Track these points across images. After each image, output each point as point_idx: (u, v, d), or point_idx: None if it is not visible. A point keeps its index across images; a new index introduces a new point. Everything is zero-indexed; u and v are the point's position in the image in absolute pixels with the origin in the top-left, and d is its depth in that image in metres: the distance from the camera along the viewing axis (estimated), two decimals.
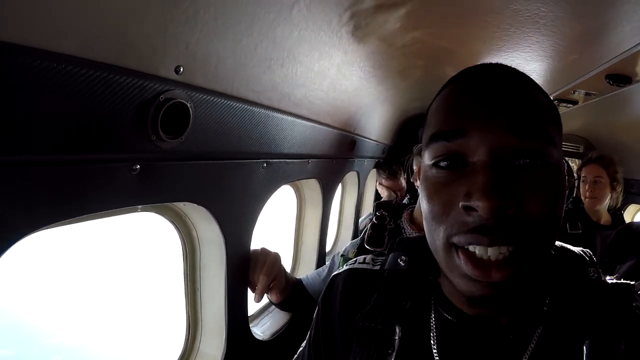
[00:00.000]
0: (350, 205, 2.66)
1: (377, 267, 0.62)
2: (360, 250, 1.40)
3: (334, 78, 1.27)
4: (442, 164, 0.45)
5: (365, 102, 1.75)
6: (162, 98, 0.64)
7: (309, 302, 1.43)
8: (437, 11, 0.92)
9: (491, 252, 0.41)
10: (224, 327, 1.05)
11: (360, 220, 2.73)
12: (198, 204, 0.90)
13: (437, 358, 0.51)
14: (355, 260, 0.66)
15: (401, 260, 0.58)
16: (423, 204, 0.48)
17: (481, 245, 0.41)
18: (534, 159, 0.42)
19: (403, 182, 2.88)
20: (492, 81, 0.46)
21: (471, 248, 0.42)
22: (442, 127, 0.46)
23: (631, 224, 1.63)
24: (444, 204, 0.44)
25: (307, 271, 1.83)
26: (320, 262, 1.94)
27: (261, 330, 1.38)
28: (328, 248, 2.29)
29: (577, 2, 0.73)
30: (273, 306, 1.55)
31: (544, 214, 0.42)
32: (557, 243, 0.54)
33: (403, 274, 0.57)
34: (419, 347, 0.52)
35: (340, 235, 2.69)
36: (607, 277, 0.54)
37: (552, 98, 0.48)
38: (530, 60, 1.13)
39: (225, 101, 0.82)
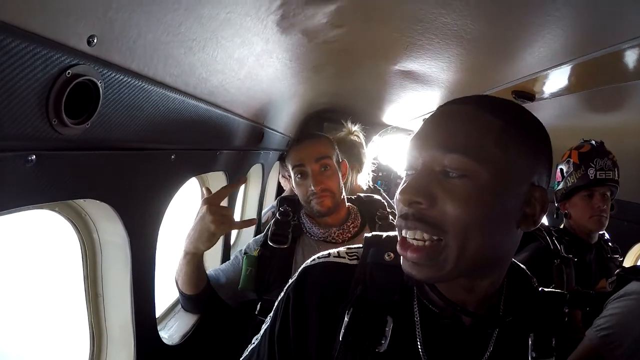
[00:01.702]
0: (254, 198, 2.60)
1: (355, 262, 0.64)
2: (264, 247, 1.35)
3: (252, 67, 1.21)
4: (407, 170, 0.57)
5: (277, 94, 1.71)
6: (69, 73, 0.52)
7: (216, 300, 1.35)
8: (365, 12, 0.93)
9: (408, 234, 0.53)
10: (132, 336, 0.93)
11: (262, 213, 2.69)
12: (101, 200, 0.77)
13: (421, 346, 0.57)
14: (329, 254, 0.67)
15: (388, 255, 0.62)
16: None
17: (404, 228, 0.53)
18: (454, 171, 0.51)
19: None
20: (447, 109, 0.57)
21: (402, 232, 0.54)
22: (411, 142, 0.58)
23: None
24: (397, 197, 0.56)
25: (213, 267, 1.73)
26: (226, 257, 1.86)
27: (168, 334, 1.26)
28: (231, 242, 2.21)
29: (500, 21, 0.80)
30: (179, 307, 1.43)
31: (455, 215, 0.50)
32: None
33: (391, 268, 0.60)
34: (405, 335, 0.58)
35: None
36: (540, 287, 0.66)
37: None
38: (447, 70, 1.21)
39: (141, 83, 0.71)
